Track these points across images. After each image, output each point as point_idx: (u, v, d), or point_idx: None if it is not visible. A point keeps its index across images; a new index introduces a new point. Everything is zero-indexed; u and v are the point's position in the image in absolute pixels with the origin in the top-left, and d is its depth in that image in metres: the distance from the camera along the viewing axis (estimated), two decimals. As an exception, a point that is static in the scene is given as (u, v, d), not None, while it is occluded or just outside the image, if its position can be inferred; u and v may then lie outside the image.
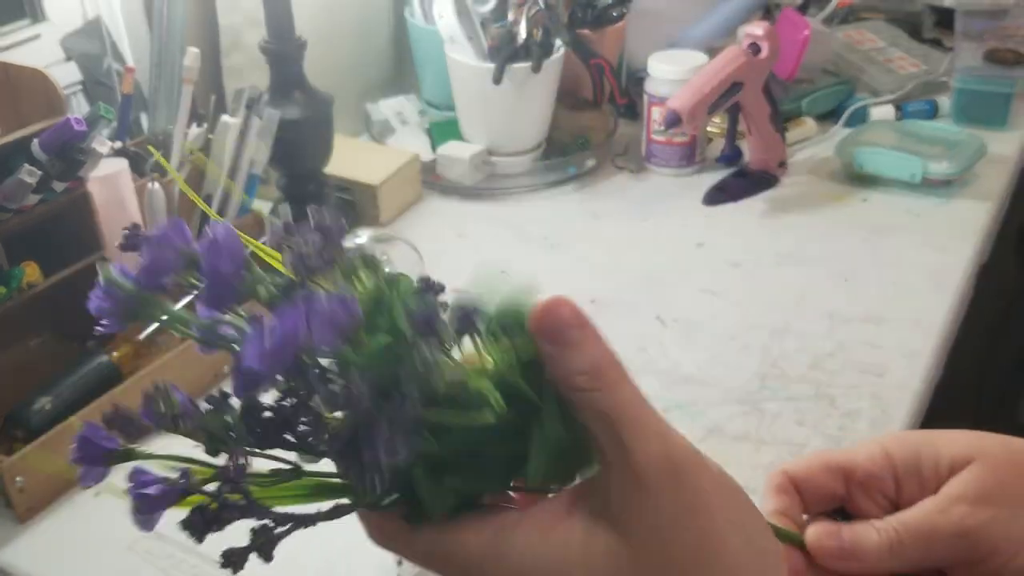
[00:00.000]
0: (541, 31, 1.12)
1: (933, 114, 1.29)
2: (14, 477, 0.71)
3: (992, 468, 0.38)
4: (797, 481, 0.41)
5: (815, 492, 0.41)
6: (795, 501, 0.40)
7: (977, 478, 0.38)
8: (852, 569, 0.38)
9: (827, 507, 0.41)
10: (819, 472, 0.40)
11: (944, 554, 0.38)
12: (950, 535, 0.37)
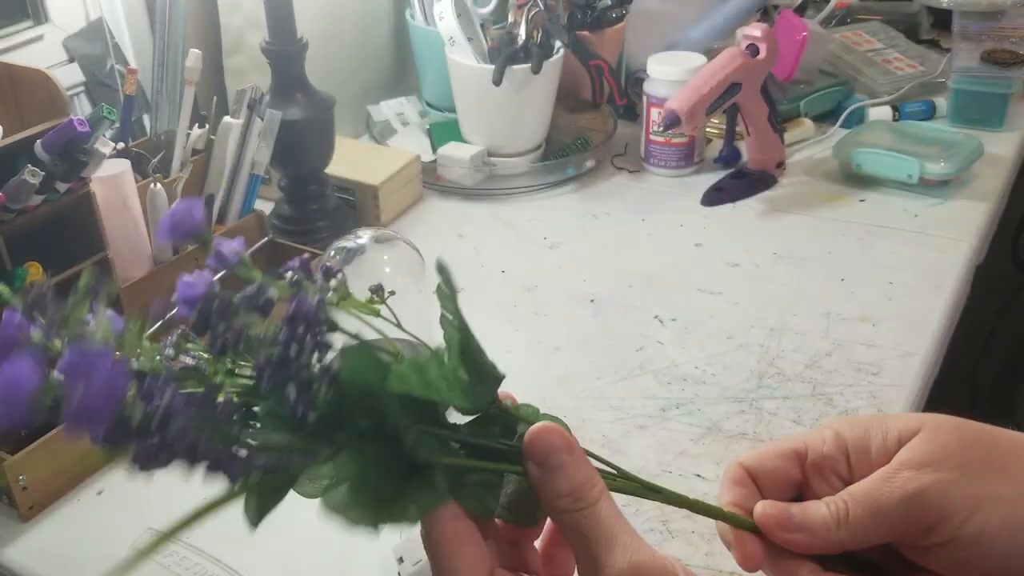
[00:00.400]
0: (541, 32, 1.13)
1: (930, 115, 1.29)
2: (17, 475, 0.72)
3: (936, 434, 0.38)
4: (753, 471, 0.41)
5: (771, 479, 0.41)
6: (751, 491, 0.40)
7: (922, 444, 0.38)
8: (803, 544, 0.38)
9: (785, 495, 0.41)
10: (773, 459, 0.41)
11: (893, 522, 0.37)
12: (897, 500, 0.37)
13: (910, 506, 0.37)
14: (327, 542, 0.71)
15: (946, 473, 0.37)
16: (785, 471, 0.40)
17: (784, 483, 0.41)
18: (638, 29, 1.29)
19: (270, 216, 1.05)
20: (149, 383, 0.29)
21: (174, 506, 0.80)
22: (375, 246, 0.83)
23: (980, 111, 1.26)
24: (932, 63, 1.38)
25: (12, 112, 0.79)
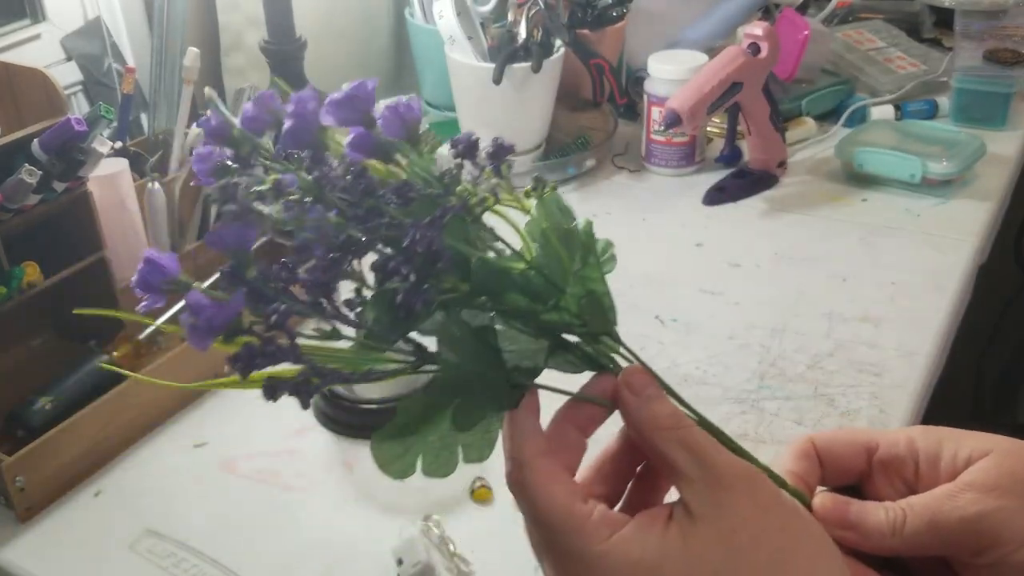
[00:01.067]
0: (541, 31, 1.12)
1: (932, 114, 1.29)
2: (14, 477, 0.71)
3: (1006, 459, 0.38)
4: (820, 449, 0.41)
5: (836, 463, 0.41)
6: (814, 467, 0.41)
7: (990, 468, 0.38)
8: (854, 541, 0.39)
9: (846, 481, 0.41)
10: (843, 445, 0.41)
11: (948, 539, 0.37)
12: (956, 520, 0.37)
13: (968, 527, 0.37)
14: (326, 544, 0.71)
15: (1009, 501, 0.37)
16: (852, 459, 0.41)
17: (848, 471, 0.41)
18: (639, 28, 1.29)
19: (269, 216, 1.04)
20: None
21: (170, 507, 0.80)
22: (374, 246, 0.82)
23: (982, 110, 1.26)
24: (934, 62, 1.37)
25: (9, 111, 0.79)
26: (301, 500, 0.75)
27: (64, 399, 0.77)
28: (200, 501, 0.75)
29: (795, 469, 0.41)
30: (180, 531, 0.72)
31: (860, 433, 0.41)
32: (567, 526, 0.34)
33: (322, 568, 0.69)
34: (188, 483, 0.77)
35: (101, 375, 0.80)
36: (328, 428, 0.81)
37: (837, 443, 0.41)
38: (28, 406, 0.76)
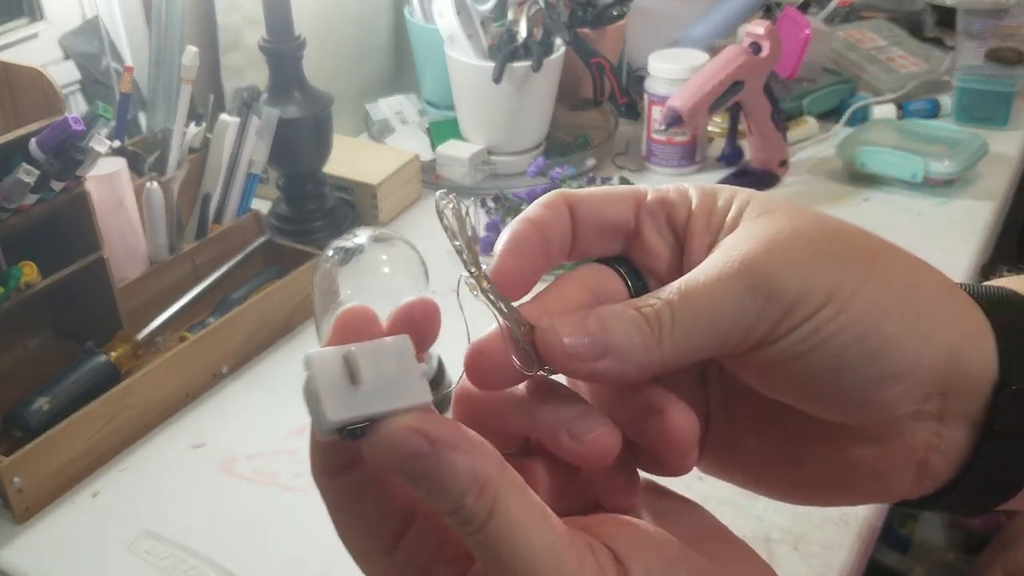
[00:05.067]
0: (541, 30, 1.12)
1: (934, 113, 1.29)
2: (12, 477, 0.71)
3: (792, 217, 0.29)
4: (573, 202, 0.30)
5: (593, 218, 0.30)
6: (560, 218, 0.30)
7: (773, 223, 0.28)
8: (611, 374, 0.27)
9: (609, 249, 0.31)
10: (603, 196, 0.30)
11: (732, 319, 0.27)
12: (741, 291, 0.27)
13: (754, 288, 0.27)
14: (325, 544, 0.71)
15: (803, 254, 0.28)
16: (614, 214, 0.30)
17: (607, 226, 0.30)
18: (639, 27, 1.29)
19: (267, 215, 1.04)
20: None
21: (169, 508, 0.79)
22: (374, 246, 0.82)
23: (984, 109, 1.25)
24: (936, 61, 1.37)
25: (7, 110, 0.78)
26: (300, 500, 0.74)
27: (62, 399, 0.77)
28: (199, 502, 0.75)
29: (532, 216, 0.30)
30: (179, 532, 0.72)
31: (627, 187, 0.31)
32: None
33: (321, 569, 0.69)
34: (187, 484, 0.77)
35: (99, 375, 0.80)
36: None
37: (597, 194, 0.30)
38: (26, 406, 0.76)
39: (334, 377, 0.26)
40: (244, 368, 0.88)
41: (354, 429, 0.26)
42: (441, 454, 0.25)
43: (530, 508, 0.25)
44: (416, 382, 0.27)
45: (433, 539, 0.29)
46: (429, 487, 0.25)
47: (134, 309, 0.86)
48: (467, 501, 0.25)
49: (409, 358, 0.27)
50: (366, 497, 0.29)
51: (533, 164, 1.07)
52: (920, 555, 1.65)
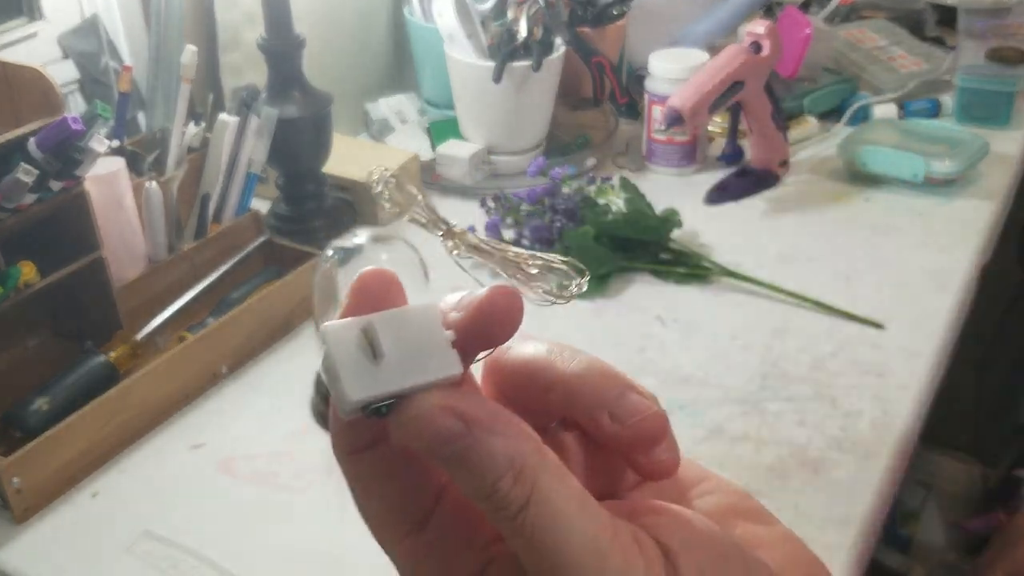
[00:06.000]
0: (541, 29, 1.12)
1: (935, 113, 1.28)
2: (11, 478, 0.71)
3: None
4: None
5: None
6: None
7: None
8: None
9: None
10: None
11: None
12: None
13: None
14: (324, 545, 0.70)
15: None
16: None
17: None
18: (640, 26, 1.28)
19: (267, 215, 1.04)
20: None
21: (168, 508, 0.79)
22: (373, 246, 0.81)
23: (986, 109, 1.25)
24: (937, 61, 1.37)
25: (6, 109, 0.78)
26: (300, 501, 0.74)
27: (61, 400, 0.77)
28: (198, 502, 0.75)
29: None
30: (178, 533, 0.72)
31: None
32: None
33: (320, 569, 0.69)
34: (186, 484, 0.77)
35: (98, 375, 0.79)
36: (326, 429, 0.81)
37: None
38: (25, 407, 0.76)
39: (353, 351, 0.24)
40: (243, 368, 0.88)
41: (379, 407, 0.24)
42: (476, 435, 0.23)
43: (571, 496, 0.24)
44: (444, 352, 0.24)
45: (461, 523, 0.27)
46: (462, 470, 0.23)
47: (133, 309, 0.86)
48: (503, 486, 0.23)
49: (435, 326, 0.25)
50: (391, 477, 0.27)
51: (533, 164, 1.07)
52: (921, 555, 1.65)
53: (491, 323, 0.25)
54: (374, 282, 0.26)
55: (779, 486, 0.74)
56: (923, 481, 1.72)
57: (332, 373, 0.24)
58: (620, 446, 0.26)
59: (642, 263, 1.00)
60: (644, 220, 1.01)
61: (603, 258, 0.97)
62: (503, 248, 0.27)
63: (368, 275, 0.26)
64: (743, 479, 0.75)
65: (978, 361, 1.63)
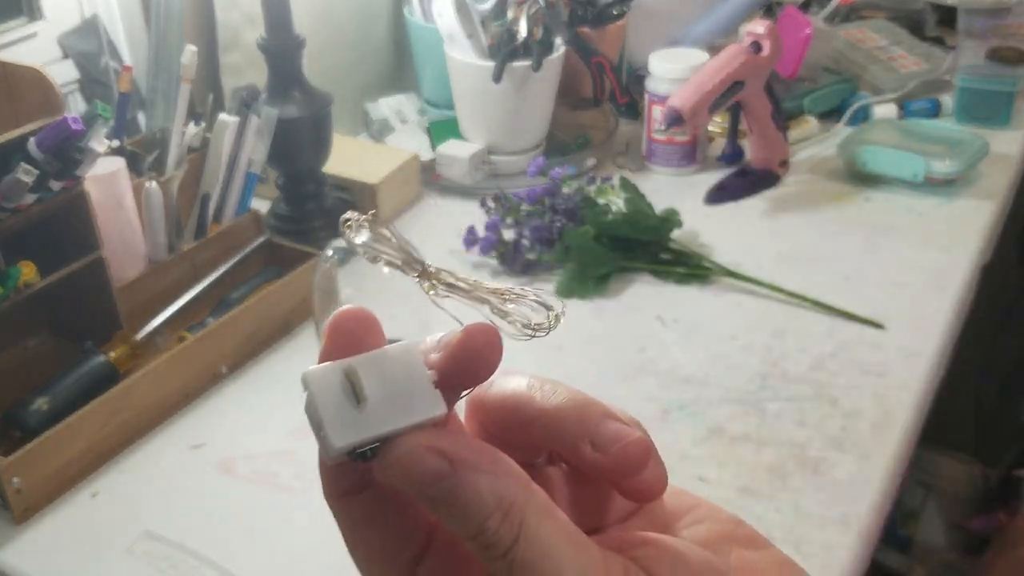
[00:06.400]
0: (541, 29, 1.12)
1: (935, 113, 1.28)
2: (11, 478, 0.71)
3: None
4: None
5: None
6: None
7: None
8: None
9: None
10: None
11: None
12: None
13: None
14: (324, 545, 0.70)
15: None
16: None
17: None
18: (640, 26, 1.28)
19: (267, 215, 1.04)
20: None
21: (168, 509, 0.79)
22: (373, 246, 0.82)
23: (986, 109, 1.25)
24: (937, 61, 1.37)
25: (6, 110, 0.78)
26: (300, 501, 0.74)
27: (61, 399, 0.77)
28: (198, 502, 0.75)
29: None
30: (178, 533, 0.72)
31: None
32: None
33: (320, 569, 0.69)
34: (186, 484, 0.76)
35: (98, 375, 0.79)
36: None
37: None
38: (25, 406, 0.76)
39: (335, 397, 0.24)
40: (243, 368, 0.87)
41: (364, 451, 0.24)
42: (461, 475, 0.23)
43: (560, 531, 0.24)
44: (427, 392, 0.25)
45: (453, 564, 0.27)
46: (449, 510, 0.23)
47: (133, 309, 0.86)
48: (491, 525, 0.23)
49: (417, 366, 0.25)
50: (382, 519, 0.27)
51: (533, 164, 1.07)
52: (921, 555, 1.65)
53: (470, 360, 0.25)
54: (351, 322, 0.26)
55: (779, 486, 0.74)
56: (923, 481, 1.72)
57: (315, 420, 0.24)
58: (605, 474, 0.26)
59: (642, 263, 1.00)
60: (644, 220, 1.01)
61: (603, 258, 0.97)
62: (478, 285, 0.27)
63: (344, 315, 0.26)
64: (743, 479, 0.75)
65: (978, 361, 1.63)
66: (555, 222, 1.00)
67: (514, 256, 0.99)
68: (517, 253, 0.99)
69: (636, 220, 1.00)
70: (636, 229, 0.99)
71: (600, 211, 1.01)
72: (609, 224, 0.99)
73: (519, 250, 0.99)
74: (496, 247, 0.99)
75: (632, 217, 1.00)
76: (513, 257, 0.99)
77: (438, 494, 0.23)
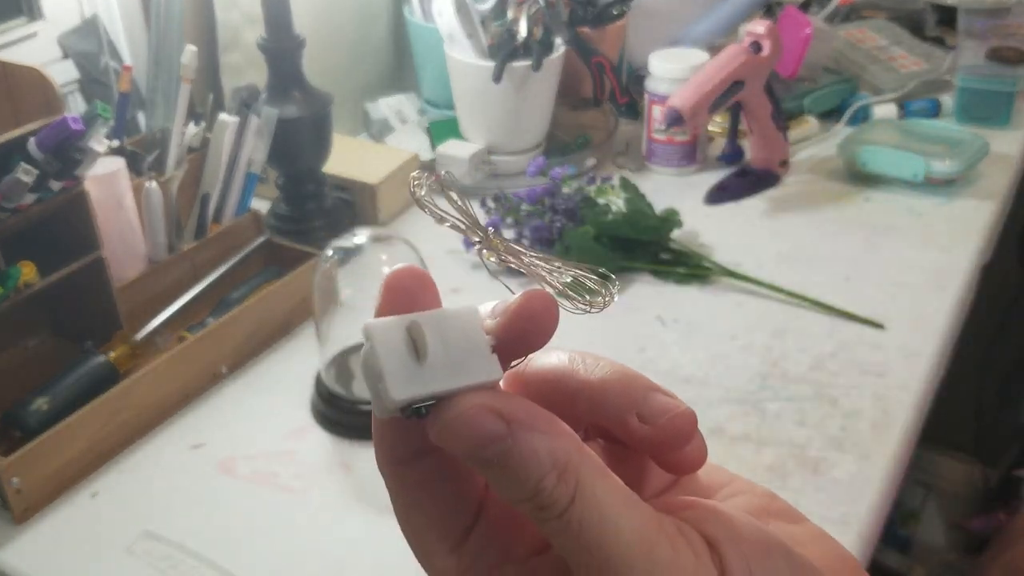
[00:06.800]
0: (541, 29, 1.12)
1: (935, 113, 1.28)
2: (11, 478, 0.71)
3: None
4: None
5: None
6: None
7: None
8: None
9: None
10: None
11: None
12: None
13: None
14: (324, 545, 0.70)
15: None
16: None
17: None
18: (640, 26, 1.28)
19: (267, 215, 1.04)
20: None
21: (168, 509, 0.79)
22: (373, 246, 0.82)
23: (986, 109, 1.25)
24: (937, 61, 1.37)
25: (6, 110, 0.78)
26: (299, 501, 0.74)
27: (61, 400, 0.77)
28: (198, 502, 0.75)
29: None
30: (178, 533, 0.72)
31: None
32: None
33: (320, 569, 0.69)
34: (186, 484, 0.76)
35: (98, 375, 0.79)
36: (326, 429, 0.81)
37: None
38: (24, 407, 0.76)
39: (397, 350, 0.23)
40: (243, 368, 0.87)
41: (419, 407, 0.23)
42: (518, 434, 0.23)
43: (615, 490, 0.23)
44: (485, 357, 0.24)
45: (503, 536, 0.27)
46: (504, 472, 0.23)
47: (133, 309, 0.86)
48: (547, 484, 0.23)
49: (476, 330, 0.25)
50: (435, 488, 0.27)
51: (533, 164, 1.07)
52: (921, 555, 1.65)
53: (528, 324, 0.25)
54: (409, 279, 0.25)
55: (779, 486, 0.74)
56: (923, 481, 1.72)
57: (375, 371, 0.23)
58: (651, 446, 0.26)
59: (642, 263, 1.00)
60: (644, 220, 1.01)
61: (603, 258, 0.97)
62: (538, 256, 0.27)
63: (403, 272, 0.26)
64: (743, 479, 0.75)
65: (978, 361, 1.63)
66: (555, 222, 1.00)
67: None
68: None
69: (636, 220, 1.00)
70: (636, 229, 0.99)
71: (600, 211, 1.02)
72: (609, 224, 0.99)
73: None
74: None
75: (632, 217, 1.00)
76: None
77: (494, 455, 0.23)
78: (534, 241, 1.00)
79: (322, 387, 0.82)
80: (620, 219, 1.00)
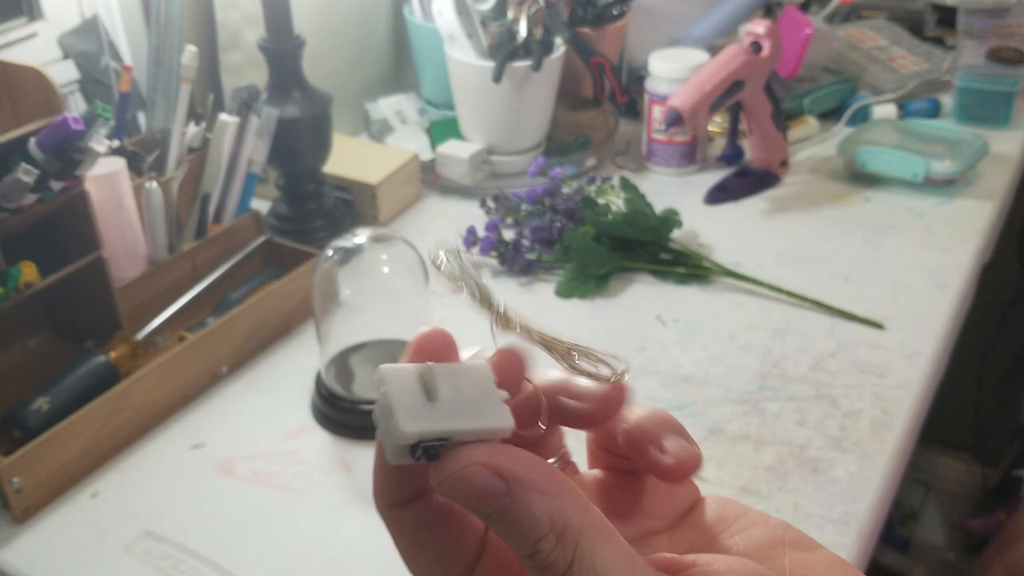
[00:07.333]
0: (541, 29, 1.12)
1: (935, 113, 1.28)
2: (11, 477, 0.71)
3: None
4: None
5: None
6: None
7: None
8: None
9: None
10: None
11: None
12: None
13: None
14: (324, 545, 0.70)
15: None
16: None
17: None
18: (640, 26, 1.28)
19: (267, 215, 1.04)
20: None
21: (168, 508, 0.79)
22: (373, 246, 0.82)
23: (985, 109, 1.25)
24: (937, 61, 1.37)
25: (6, 110, 0.78)
26: (299, 501, 0.74)
27: (61, 400, 0.77)
28: (198, 502, 0.75)
29: None
30: (178, 532, 0.72)
31: None
32: None
33: (320, 569, 0.69)
34: (186, 484, 0.77)
35: (98, 375, 0.79)
36: (326, 429, 0.81)
37: None
38: (25, 407, 0.76)
39: (410, 391, 0.24)
40: (243, 368, 0.88)
41: (429, 447, 0.24)
42: (517, 494, 0.23)
43: (616, 558, 0.23)
44: (497, 406, 0.25)
45: (507, 569, 0.27)
46: (503, 528, 0.23)
47: (133, 309, 0.86)
48: (544, 547, 0.23)
49: (489, 383, 0.25)
50: (435, 529, 0.27)
51: (533, 164, 1.07)
52: (920, 555, 1.65)
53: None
54: (435, 341, 0.27)
55: (779, 486, 0.74)
56: (923, 481, 1.72)
57: (387, 409, 0.24)
58: (666, 477, 0.28)
59: (642, 263, 1.00)
60: (644, 220, 1.01)
61: (603, 258, 0.97)
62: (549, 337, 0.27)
63: (430, 333, 0.27)
64: (743, 479, 0.75)
65: (978, 361, 1.64)
66: (555, 222, 1.00)
67: (514, 256, 0.99)
68: (517, 253, 0.99)
69: (636, 220, 1.00)
70: (636, 229, 1.00)
71: (600, 211, 1.02)
72: (609, 224, 0.99)
73: (519, 250, 0.99)
74: (496, 247, 1.00)
75: (632, 217, 1.00)
76: (513, 257, 0.99)
77: (492, 512, 0.23)
78: (534, 241, 1.00)
79: (322, 387, 0.82)
80: (620, 219, 1.00)
